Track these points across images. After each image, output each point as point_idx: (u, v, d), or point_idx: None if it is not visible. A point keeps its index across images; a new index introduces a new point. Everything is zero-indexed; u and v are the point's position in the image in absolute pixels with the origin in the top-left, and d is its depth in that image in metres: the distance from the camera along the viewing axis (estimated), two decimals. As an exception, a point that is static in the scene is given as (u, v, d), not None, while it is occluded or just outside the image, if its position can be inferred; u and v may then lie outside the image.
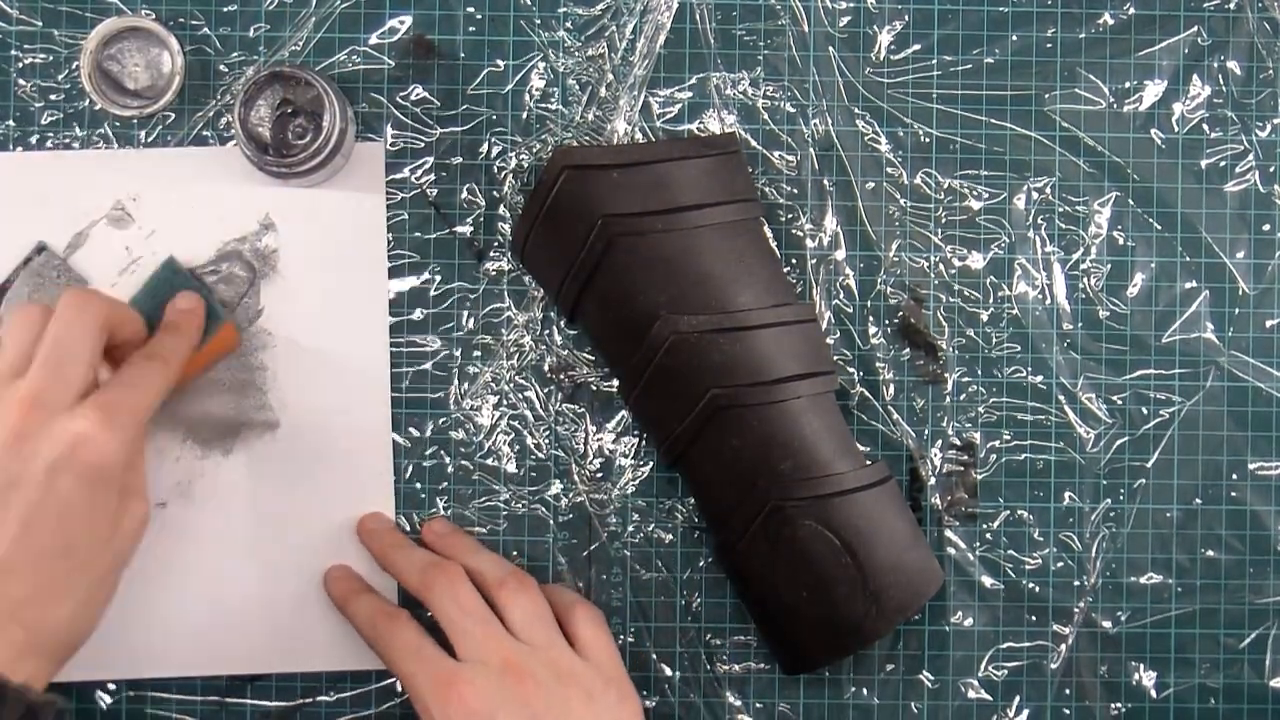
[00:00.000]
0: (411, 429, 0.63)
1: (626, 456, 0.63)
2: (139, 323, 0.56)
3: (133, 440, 0.52)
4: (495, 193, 0.63)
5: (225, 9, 0.63)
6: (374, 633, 0.57)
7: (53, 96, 0.62)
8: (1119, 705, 0.63)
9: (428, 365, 0.63)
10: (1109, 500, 0.63)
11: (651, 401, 0.60)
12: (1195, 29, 0.64)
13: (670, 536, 0.63)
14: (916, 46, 0.64)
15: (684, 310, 0.58)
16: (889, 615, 0.58)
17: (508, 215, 0.63)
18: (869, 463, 0.60)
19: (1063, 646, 0.63)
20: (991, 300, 0.64)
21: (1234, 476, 0.64)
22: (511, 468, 0.63)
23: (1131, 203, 0.64)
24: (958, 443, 0.63)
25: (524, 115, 0.63)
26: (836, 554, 0.58)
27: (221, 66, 0.63)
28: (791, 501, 0.57)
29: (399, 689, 0.62)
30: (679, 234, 0.58)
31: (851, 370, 0.63)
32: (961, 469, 0.63)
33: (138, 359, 0.55)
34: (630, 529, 0.63)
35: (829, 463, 0.58)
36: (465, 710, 0.53)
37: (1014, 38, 0.64)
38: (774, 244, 0.62)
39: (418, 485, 0.63)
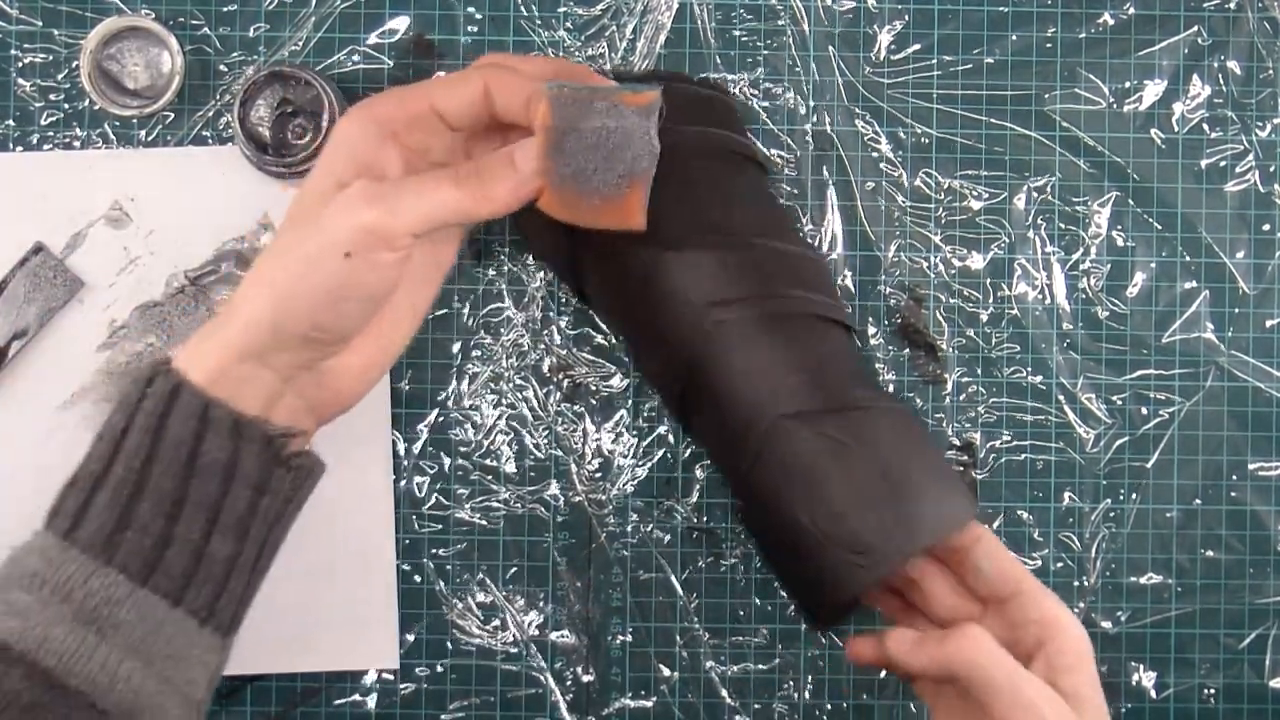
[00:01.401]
0: (411, 429, 0.63)
1: (625, 457, 0.63)
2: (432, 123, 0.51)
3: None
4: (495, 192, 0.63)
5: (225, 9, 0.63)
6: None
7: (53, 96, 0.62)
8: (1119, 705, 0.63)
9: (428, 365, 0.63)
10: (1109, 500, 0.63)
11: (654, 331, 0.57)
12: (1195, 29, 0.64)
13: (669, 536, 0.63)
14: (916, 46, 0.64)
15: (686, 246, 0.55)
16: (912, 530, 0.52)
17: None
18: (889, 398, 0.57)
19: (1063, 647, 0.63)
20: (991, 300, 0.64)
21: (1234, 476, 0.64)
22: (511, 467, 0.63)
23: (1131, 203, 0.64)
24: (958, 443, 0.63)
25: (524, 115, 0.63)
26: (852, 465, 0.53)
27: (221, 66, 0.63)
28: (804, 415, 0.53)
29: (399, 687, 0.62)
30: (676, 175, 0.54)
31: (851, 370, 0.63)
32: (961, 469, 0.63)
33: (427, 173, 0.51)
34: (629, 529, 0.63)
35: (842, 379, 0.55)
36: None
37: (1014, 38, 0.64)
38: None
39: (418, 485, 0.63)
